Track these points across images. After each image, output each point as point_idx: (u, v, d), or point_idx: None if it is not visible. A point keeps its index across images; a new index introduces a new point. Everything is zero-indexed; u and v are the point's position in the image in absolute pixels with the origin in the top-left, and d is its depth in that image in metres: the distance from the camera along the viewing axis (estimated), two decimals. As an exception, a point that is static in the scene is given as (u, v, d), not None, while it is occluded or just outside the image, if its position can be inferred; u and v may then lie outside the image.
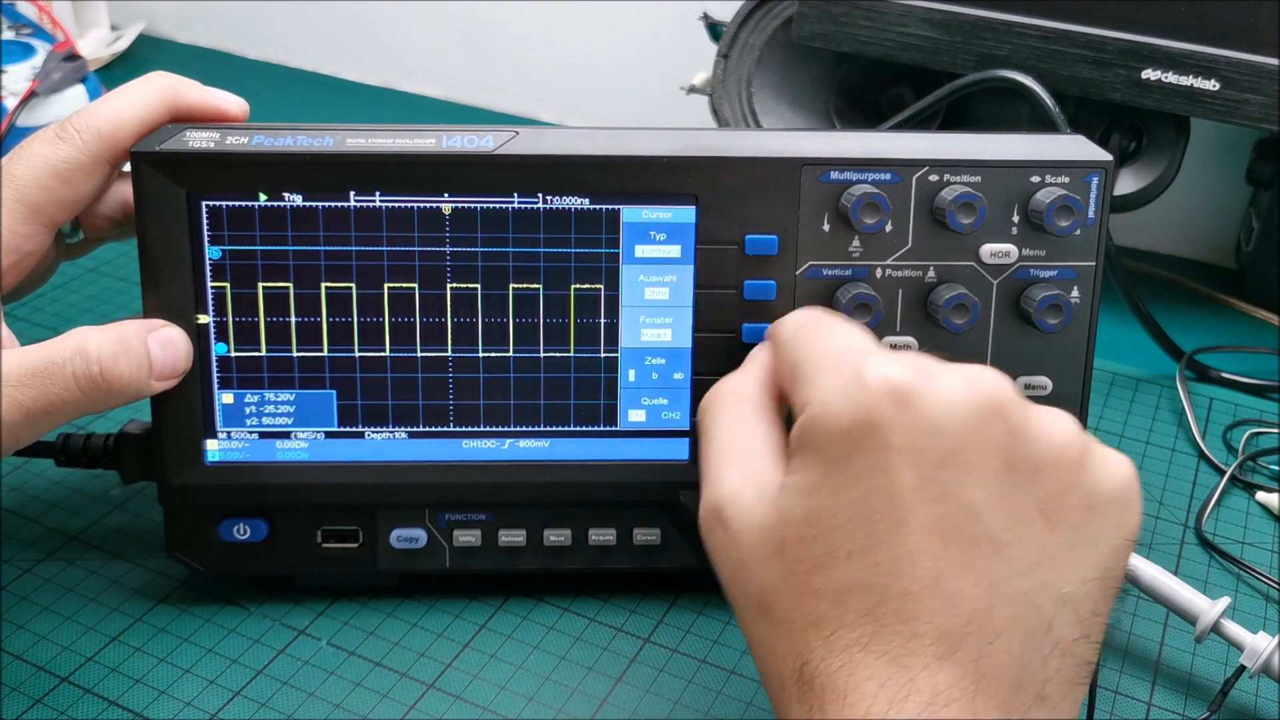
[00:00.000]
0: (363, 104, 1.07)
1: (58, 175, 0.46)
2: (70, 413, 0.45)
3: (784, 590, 0.37)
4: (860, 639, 0.36)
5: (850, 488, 0.36)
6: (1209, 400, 0.69)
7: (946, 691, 0.35)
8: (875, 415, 0.36)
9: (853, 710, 0.35)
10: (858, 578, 0.36)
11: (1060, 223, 0.48)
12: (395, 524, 0.51)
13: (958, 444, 0.36)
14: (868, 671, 0.35)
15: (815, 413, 0.37)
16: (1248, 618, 0.54)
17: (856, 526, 0.36)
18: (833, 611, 0.36)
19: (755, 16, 0.79)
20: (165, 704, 0.48)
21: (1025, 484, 0.36)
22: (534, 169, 0.48)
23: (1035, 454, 0.36)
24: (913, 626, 0.35)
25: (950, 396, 0.36)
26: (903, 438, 0.36)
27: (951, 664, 0.35)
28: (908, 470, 0.35)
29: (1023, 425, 0.36)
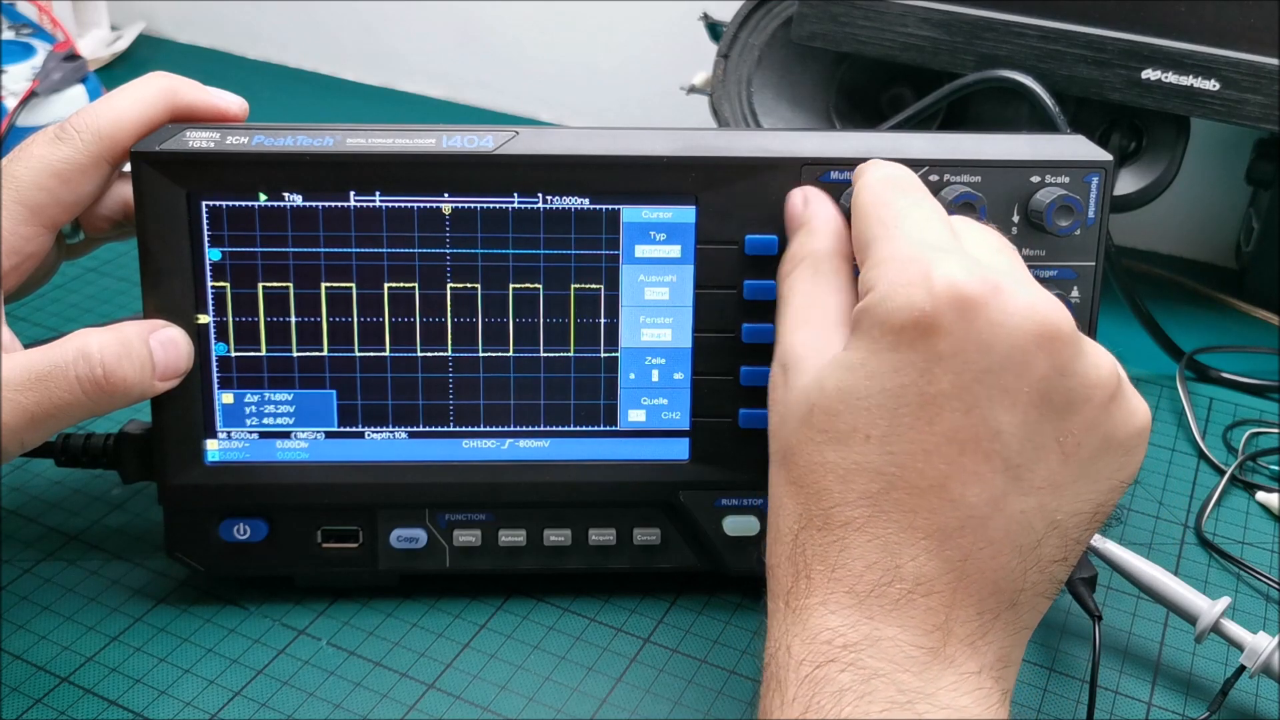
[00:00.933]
0: (363, 104, 1.07)
1: (57, 176, 0.46)
2: (74, 415, 0.45)
3: (801, 453, 0.39)
4: (856, 519, 0.38)
5: (887, 377, 0.38)
6: (1209, 400, 0.69)
7: (928, 583, 0.37)
8: (931, 319, 0.37)
9: (838, 585, 0.37)
10: (870, 461, 0.38)
11: (1060, 223, 0.48)
12: (395, 524, 0.51)
13: (1000, 365, 0.37)
14: (858, 551, 0.37)
15: (874, 301, 0.38)
16: (1248, 618, 0.54)
17: (882, 414, 0.38)
18: (837, 487, 0.38)
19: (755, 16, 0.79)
20: (165, 704, 0.48)
21: (1052, 416, 0.37)
22: (534, 169, 0.48)
23: (1069, 390, 0.37)
24: (910, 519, 0.37)
25: (1008, 320, 0.37)
26: (951, 346, 0.37)
27: (939, 559, 0.37)
28: (947, 377, 0.37)
29: (1066, 361, 0.37)
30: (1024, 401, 0.37)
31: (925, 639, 0.37)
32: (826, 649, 0.37)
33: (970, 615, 0.37)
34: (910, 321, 0.37)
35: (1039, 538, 0.38)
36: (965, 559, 0.37)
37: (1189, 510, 0.60)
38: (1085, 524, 0.39)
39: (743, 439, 0.50)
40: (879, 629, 0.37)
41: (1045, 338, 0.37)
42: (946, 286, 0.37)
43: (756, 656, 0.51)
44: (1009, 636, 0.38)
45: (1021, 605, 0.38)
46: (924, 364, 0.37)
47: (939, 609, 0.37)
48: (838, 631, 0.37)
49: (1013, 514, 0.37)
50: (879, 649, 0.36)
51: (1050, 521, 0.38)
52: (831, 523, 0.38)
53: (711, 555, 0.52)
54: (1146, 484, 0.62)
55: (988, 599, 0.37)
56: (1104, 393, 0.38)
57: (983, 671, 0.37)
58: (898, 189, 0.43)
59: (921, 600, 0.37)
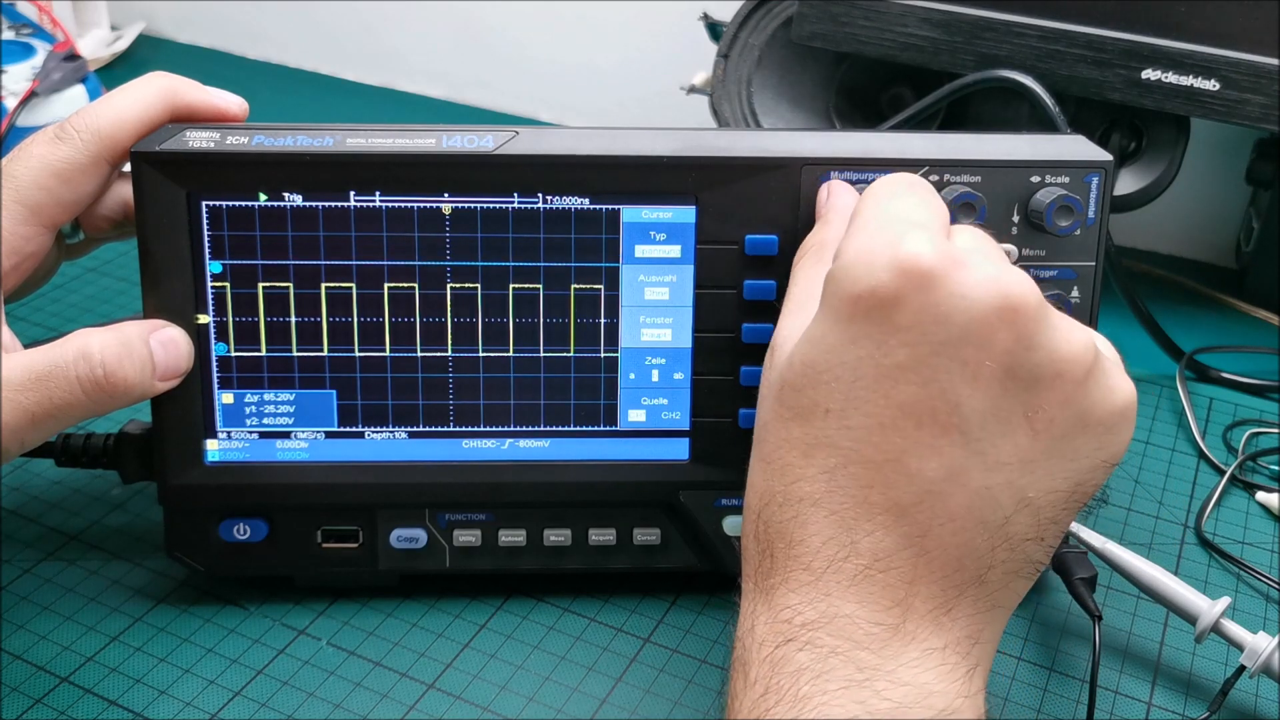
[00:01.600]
0: (363, 104, 1.07)
1: (57, 176, 0.46)
2: (74, 415, 0.45)
3: (770, 430, 0.40)
4: (813, 494, 0.38)
5: (846, 349, 0.37)
6: (1209, 400, 0.69)
7: (886, 558, 0.37)
8: (889, 289, 0.36)
9: (795, 562, 0.38)
10: (828, 436, 0.38)
11: (1060, 223, 0.48)
12: (395, 524, 0.51)
13: (959, 338, 0.36)
14: (815, 527, 0.37)
15: (837, 269, 0.38)
16: (1248, 618, 0.54)
17: (840, 387, 0.37)
18: (799, 462, 0.38)
19: (755, 16, 0.79)
20: (165, 704, 0.48)
21: (1018, 391, 0.37)
22: (534, 169, 0.48)
23: (1035, 365, 0.37)
24: (866, 494, 0.37)
25: (968, 293, 0.36)
26: (909, 318, 0.36)
27: (896, 534, 0.37)
28: (903, 349, 0.37)
29: (1030, 335, 0.36)
30: (986, 375, 0.36)
31: (884, 615, 0.36)
32: (786, 628, 0.37)
33: (933, 591, 0.37)
34: (867, 290, 0.37)
35: (1007, 514, 0.37)
36: (924, 534, 0.37)
37: (1189, 510, 0.60)
38: (1062, 503, 0.38)
39: (743, 439, 0.50)
40: (836, 605, 0.37)
41: (1007, 310, 0.36)
42: (910, 258, 0.36)
43: (756, 656, 0.51)
44: (978, 614, 0.38)
45: (990, 582, 0.38)
46: (880, 335, 0.37)
47: (898, 585, 0.37)
48: (797, 610, 0.37)
49: (976, 489, 0.37)
50: (836, 626, 0.36)
51: (1020, 498, 0.37)
52: (791, 498, 0.38)
53: (711, 555, 0.52)
54: (1146, 484, 0.62)
55: (951, 574, 0.37)
56: (1078, 368, 0.37)
57: (948, 647, 0.37)
58: (907, 181, 0.43)
59: (880, 576, 0.37)
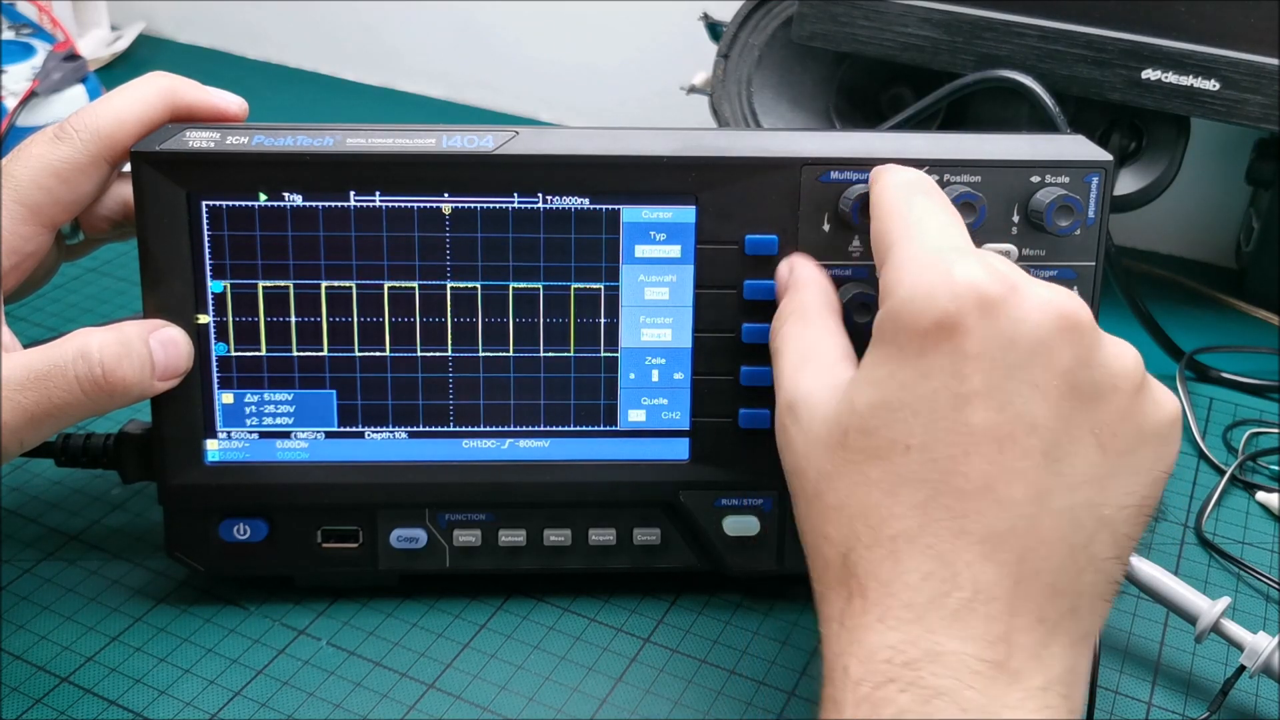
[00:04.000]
0: (363, 104, 1.07)
1: (56, 175, 0.46)
2: (73, 415, 0.45)
3: (840, 478, 0.39)
4: (907, 531, 0.37)
5: (919, 384, 0.37)
6: (1209, 400, 0.69)
7: (987, 590, 0.36)
8: (956, 319, 0.37)
9: (894, 599, 0.36)
10: (913, 471, 0.37)
11: (1060, 223, 0.48)
12: (395, 524, 0.51)
13: (1028, 359, 0.37)
14: (912, 563, 0.36)
15: (897, 307, 0.38)
16: (1248, 618, 0.54)
17: (919, 422, 0.37)
18: (885, 501, 0.37)
19: (755, 16, 0.79)
20: (165, 704, 0.48)
21: (1083, 407, 0.37)
22: (534, 169, 0.48)
23: (1096, 380, 0.38)
24: (961, 524, 0.36)
25: (1028, 315, 0.37)
26: (978, 345, 0.37)
27: (994, 563, 0.36)
28: (977, 376, 0.37)
29: (1089, 351, 0.38)
30: (1054, 394, 0.37)
31: (988, 651, 0.35)
32: (885, 668, 0.35)
33: (1031, 623, 0.36)
34: (934, 324, 0.37)
35: (1089, 534, 0.37)
36: (1020, 561, 0.36)
37: (1189, 510, 0.60)
38: (1133, 518, 0.38)
39: (743, 439, 0.50)
40: (940, 643, 0.35)
41: (1066, 329, 0.37)
42: (968, 287, 0.37)
43: (757, 657, 0.51)
44: (1073, 645, 0.37)
45: (1081, 610, 0.37)
46: (952, 365, 0.37)
47: (1000, 617, 0.36)
48: (897, 649, 0.36)
49: (1060, 510, 0.37)
50: (941, 664, 0.35)
51: (1098, 517, 0.38)
52: (881, 537, 0.37)
53: (711, 555, 0.52)
54: (1146, 484, 0.62)
55: (1047, 605, 0.36)
56: (1130, 382, 0.38)
57: (1049, 688, 0.36)
58: (916, 191, 0.43)
59: (981, 609, 0.36)
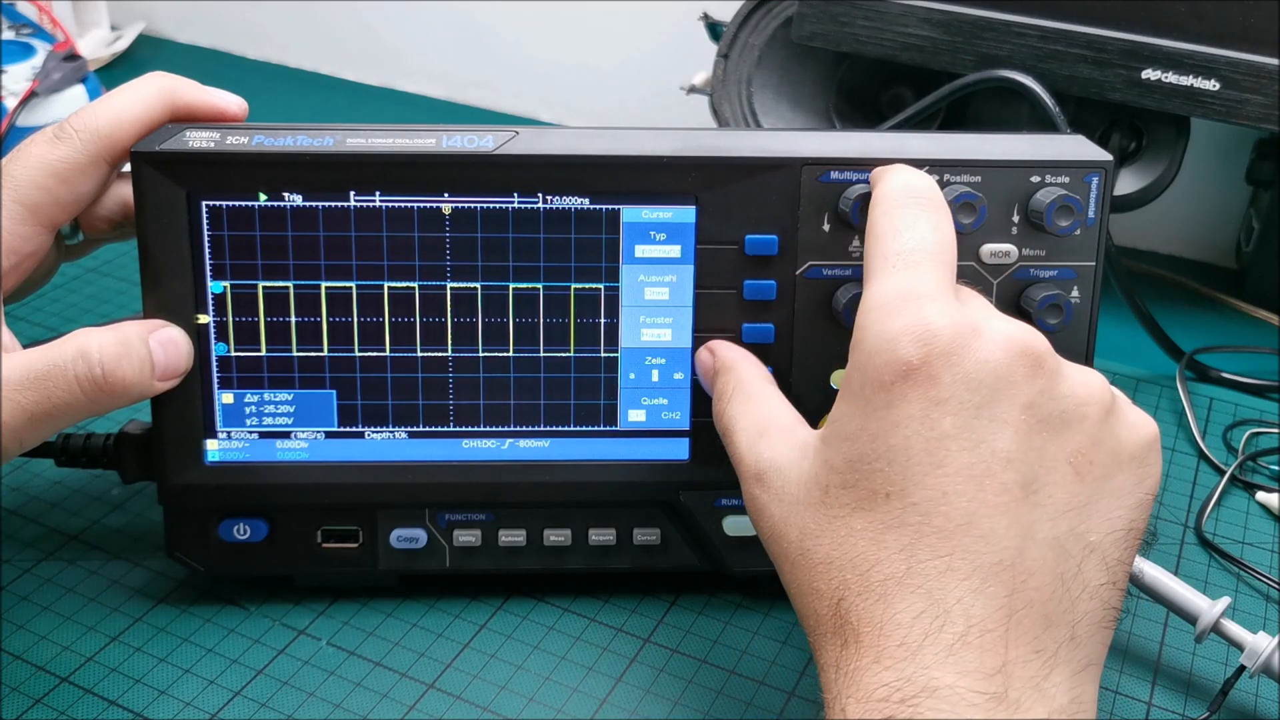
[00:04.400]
0: (363, 104, 1.07)
1: (56, 175, 0.46)
2: (73, 415, 0.45)
3: (824, 534, 0.39)
4: (895, 574, 0.37)
5: (890, 433, 0.38)
6: (1209, 400, 0.69)
7: (980, 623, 0.36)
8: (919, 369, 0.38)
9: (888, 639, 0.37)
10: (895, 517, 0.38)
11: (1060, 223, 0.48)
12: (395, 524, 0.51)
13: (992, 397, 0.38)
14: (903, 604, 0.37)
15: (863, 360, 0.39)
16: (1248, 618, 0.54)
17: (895, 470, 0.38)
18: (871, 549, 0.38)
19: (755, 16, 0.79)
20: (165, 704, 0.48)
21: (1053, 437, 0.38)
22: (534, 169, 0.48)
23: (1061, 411, 0.39)
24: (947, 562, 0.37)
25: (989, 355, 0.38)
26: (943, 391, 0.38)
27: (985, 597, 0.37)
28: (947, 419, 0.38)
29: (1050, 382, 0.39)
30: (1023, 427, 0.38)
31: (985, 684, 0.35)
32: (883, 706, 0.36)
33: (1029, 654, 0.36)
34: (899, 374, 0.38)
35: (1078, 562, 0.38)
36: (1011, 593, 0.37)
37: (1189, 510, 0.60)
38: (1122, 542, 0.39)
39: (743, 439, 0.50)
40: (936, 678, 0.35)
41: (1025, 364, 0.38)
42: (928, 335, 0.38)
43: (757, 657, 0.51)
44: (1075, 674, 0.37)
45: (1080, 639, 0.38)
46: (922, 412, 0.38)
47: (995, 649, 0.36)
48: (894, 687, 0.36)
49: (1045, 540, 0.37)
50: (939, 698, 0.35)
51: (1085, 544, 0.38)
52: (871, 583, 0.38)
53: (711, 555, 0.52)
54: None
55: (1042, 635, 0.37)
56: (1098, 408, 0.39)
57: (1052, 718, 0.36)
58: (911, 207, 0.42)
59: (975, 642, 0.36)
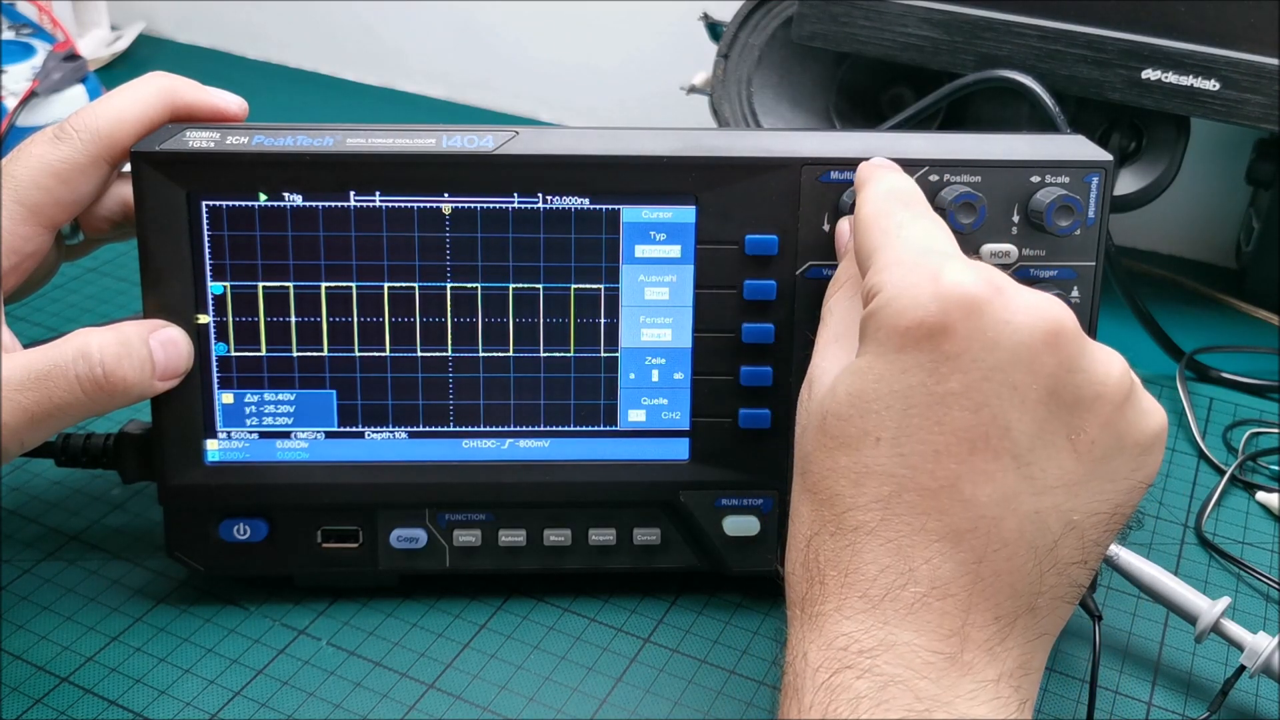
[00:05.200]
0: (363, 104, 1.07)
1: (56, 176, 0.46)
2: (74, 415, 0.45)
3: (815, 460, 0.40)
4: (868, 523, 0.38)
5: (896, 379, 0.38)
6: (1209, 400, 0.69)
7: (944, 585, 0.37)
8: (938, 318, 0.37)
9: (851, 589, 0.37)
10: (880, 464, 0.38)
11: (1060, 223, 0.48)
12: (395, 524, 0.51)
13: (1008, 362, 0.37)
14: (870, 555, 0.37)
15: (881, 304, 0.38)
16: (1248, 618, 0.54)
17: (892, 415, 0.38)
18: (849, 491, 0.38)
19: (755, 16, 0.79)
20: (165, 704, 0.48)
21: (1061, 413, 0.37)
22: (534, 169, 0.48)
23: (1078, 386, 0.38)
24: (922, 520, 0.37)
25: (1013, 318, 0.37)
26: (958, 345, 0.37)
27: (953, 561, 0.37)
28: (955, 376, 0.37)
29: (1073, 358, 0.37)
30: (1033, 398, 0.37)
31: (942, 644, 0.36)
32: (843, 655, 0.36)
33: (987, 620, 0.37)
34: (916, 322, 0.37)
35: (1055, 538, 0.38)
36: (980, 560, 0.37)
37: (1189, 510, 0.60)
38: (1103, 525, 0.39)
39: (743, 439, 0.50)
40: (894, 634, 0.36)
41: (1051, 334, 0.37)
42: (952, 287, 0.37)
43: (757, 657, 0.51)
44: (1029, 643, 0.38)
45: (1040, 610, 0.38)
46: (931, 364, 0.37)
47: (955, 613, 0.36)
48: (853, 637, 0.36)
49: (1026, 513, 0.37)
50: (895, 654, 0.36)
51: (1066, 522, 0.38)
52: (843, 527, 0.38)
53: (711, 555, 0.52)
54: (1146, 484, 0.62)
55: (1004, 602, 0.37)
56: (1116, 390, 0.38)
57: (1001, 679, 0.37)
58: (900, 202, 0.43)
59: (937, 604, 0.36)
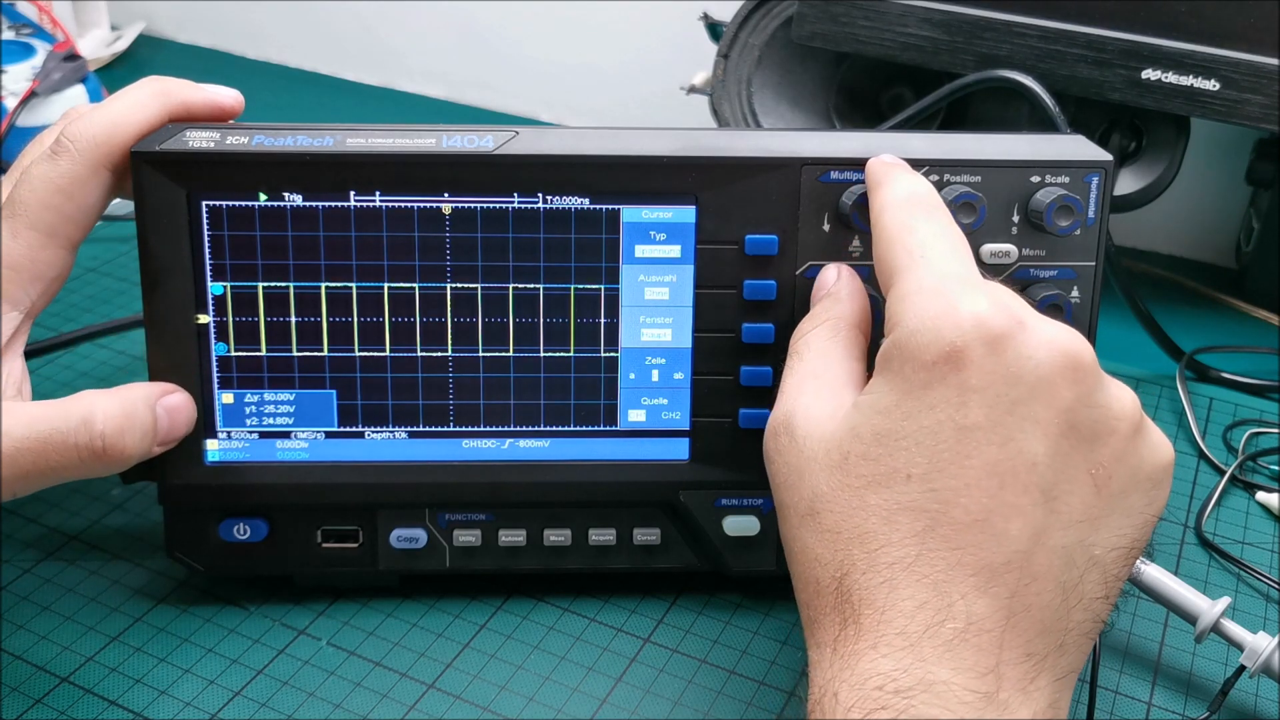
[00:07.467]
0: (363, 104, 1.07)
1: (62, 192, 0.46)
2: (68, 477, 0.46)
3: (837, 500, 0.39)
4: (904, 559, 0.37)
5: (923, 415, 0.38)
6: (1209, 400, 0.69)
7: (979, 621, 0.36)
8: (962, 353, 0.37)
9: (889, 626, 0.37)
10: (913, 500, 0.38)
11: (1060, 223, 0.48)
12: (395, 524, 0.51)
13: (1029, 395, 0.37)
14: (908, 591, 0.37)
15: (904, 337, 0.39)
16: (1248, 618, 0.54)
17: (921, 452, 0.38)
18: (882, 529, 0.38)
19: (755, 16, 0.79)
20: (165, 704, 0.48)
21: (1081, 446, 0.38)
22: (534, 169, 0.48)
23: (1094, 421, 0.38)
24: (957, 555, 0.37)
25: (1034, 352, 0.38)
26: (982, 379, 0.37)
27: (988, 596, 0.37)
28: (979, 409, 0.37)
29: (1091, 391, 0.38)
30: (1054, 432, 0.38)
31: (979, 682, 0.36)
32: (877, 695, 0.36)
33: (1020, 657, 0.37)
34: (941, 355, 0.38)
35: (1080, 573, 0.38)
36: (1012, 595, 0.37)
37: (1189, 510, 0.60)
38: (1123, 559, 0.39)
39: (743, 439, 0.50)
40: (932, 671, 0.36)
41: (1069, 368, 0.38)
42: (974, 320, 0.38)
43: (757, 657, 0.51)
44: (1057, 680, 0.38)
45: (1068, 647, 0.38)
46: (957, 398, 0.37)
47: (990, 649, 0.36)
48: (889, 676, 0.36)
49: (1054, 548, 0.37)
50: (933, 694, 0.35)
51: (1089, 556, 0.38)
52: (878, 564, 0.38)
53: (711, 555, 0.52)
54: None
55: (1035, 640, 0.37)
56: (1128, 424, 0.39)
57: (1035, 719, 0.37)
58: (921, 212, 0.43)
59: (973, 640, 0.36)
